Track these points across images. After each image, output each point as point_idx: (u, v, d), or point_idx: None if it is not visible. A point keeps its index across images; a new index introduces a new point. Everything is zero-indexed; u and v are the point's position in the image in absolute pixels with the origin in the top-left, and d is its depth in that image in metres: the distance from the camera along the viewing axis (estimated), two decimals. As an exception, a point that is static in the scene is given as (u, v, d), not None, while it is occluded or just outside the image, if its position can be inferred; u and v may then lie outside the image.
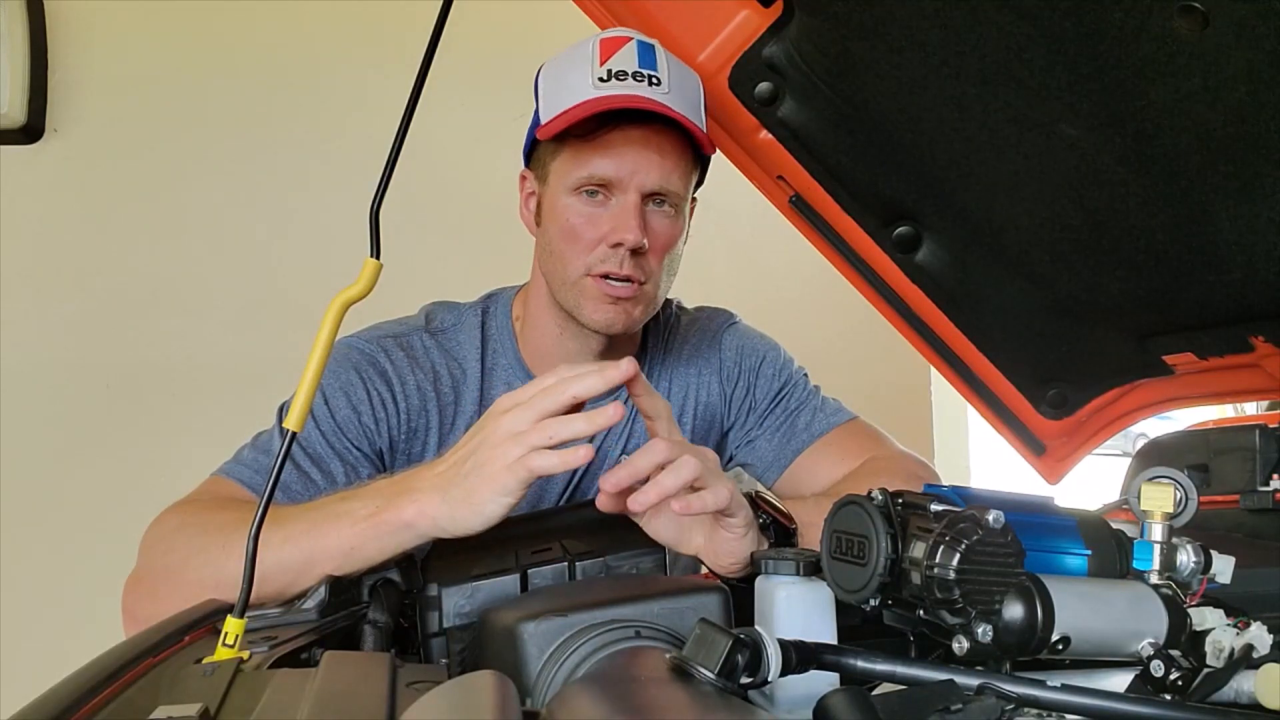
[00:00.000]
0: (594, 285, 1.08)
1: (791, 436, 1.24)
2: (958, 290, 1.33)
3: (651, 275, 1.10)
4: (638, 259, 1.07)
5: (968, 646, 0.58)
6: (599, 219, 1.07)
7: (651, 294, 1.11)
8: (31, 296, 2.03)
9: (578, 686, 0.59)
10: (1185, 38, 0.80)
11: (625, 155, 1.05)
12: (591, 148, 1.06)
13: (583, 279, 1.08)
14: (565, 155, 1.08)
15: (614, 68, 1.05)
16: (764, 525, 0.89)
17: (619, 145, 1.05)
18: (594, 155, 1.06)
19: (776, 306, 1.88)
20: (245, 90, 2.20)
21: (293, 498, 0.99)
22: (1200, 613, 0.64)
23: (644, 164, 1.06)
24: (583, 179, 1.07)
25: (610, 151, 1.05)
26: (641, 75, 1.05)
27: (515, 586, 0.81)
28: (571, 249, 1.08)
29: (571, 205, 1.08)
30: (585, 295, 1.09)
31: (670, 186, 1.08)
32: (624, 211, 1.06)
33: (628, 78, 1.04)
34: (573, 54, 1.08)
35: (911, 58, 1.03)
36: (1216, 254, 1.03)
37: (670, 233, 1.10)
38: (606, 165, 1.06)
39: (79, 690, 0.52)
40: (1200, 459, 1.22)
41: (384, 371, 1.09)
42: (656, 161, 1.06)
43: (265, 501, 0.70)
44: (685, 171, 1.10)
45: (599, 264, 1.07)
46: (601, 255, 1.07)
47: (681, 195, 1.10)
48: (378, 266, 0.75)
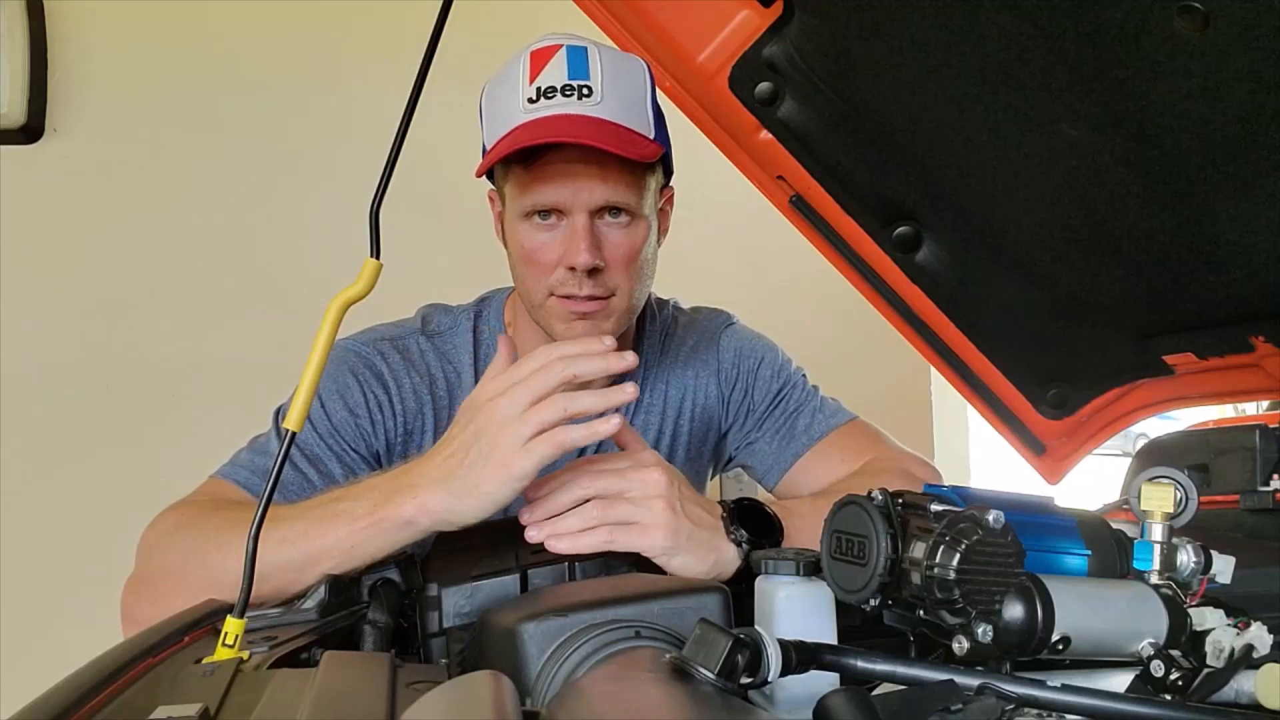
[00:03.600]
0: (559, 305, 1.07)
1: (791, 439, 1.24)
2: (958, 290, 1.33)
3: (617, 288, 1.07)
4: (597, 277, 1.05)
5: (968, 646, 0.58)
6: (552, 244, 1.05)
7: (622, 305, 1.09)
8: (31, 296, 2.03)
9: (578, 686, 0.59)
10: (1185, 38, 0.80)
11: (564, 180, 1.02)
12: (531, 175, 1.03)
13: (547, 300, 1.07)
14: (511, 182, 1.06)
15: (543, 84, 1.01)
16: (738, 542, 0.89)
17: (556, 170, 1.02)
18: (534, 183, 1.03)
19: (776, 307, 1.88)
20: (245, 90, 2.20)
21: (290, 499, 0.99)
22: (1200, 613, 0.64)
23: (585, 185, 1.02)
24: (528, 207, 1.05)
25: (549, 177, 1.02)
26: (571, 89, 1.01)
27: (515, 586, 0.81)
28: (530, 273, 1.07)
29: (524, 230, 1.06)
30: (552, 316, 1.08)
31: (618, 199, 1.04)
32: (573, 235, 1.03)
33: (556, 94, 1.01)
34: (506, 72, 1.05)
35: (911, 58, 1.03)
36: (1217, 254, 1.03)
37: (628, 243, 1.07)
38: (547, 193, 1.03)
39: (79, 690, 0.51)
40: (1200, 459, 1.21)
41: (380, 374, 1.09)
42: (598, 177, 1.02)
43: (265, 501, 0.70)
44: (633, 180, 1.06)
45: (559, 286, 1.06)
46: (560, 278, 1.05)
47: (634, 203, 1.06)
48: (377, 266, 0.75)
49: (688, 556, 0.86)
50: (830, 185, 1.27)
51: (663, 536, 0.84)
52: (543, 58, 1.03)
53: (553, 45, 1.04)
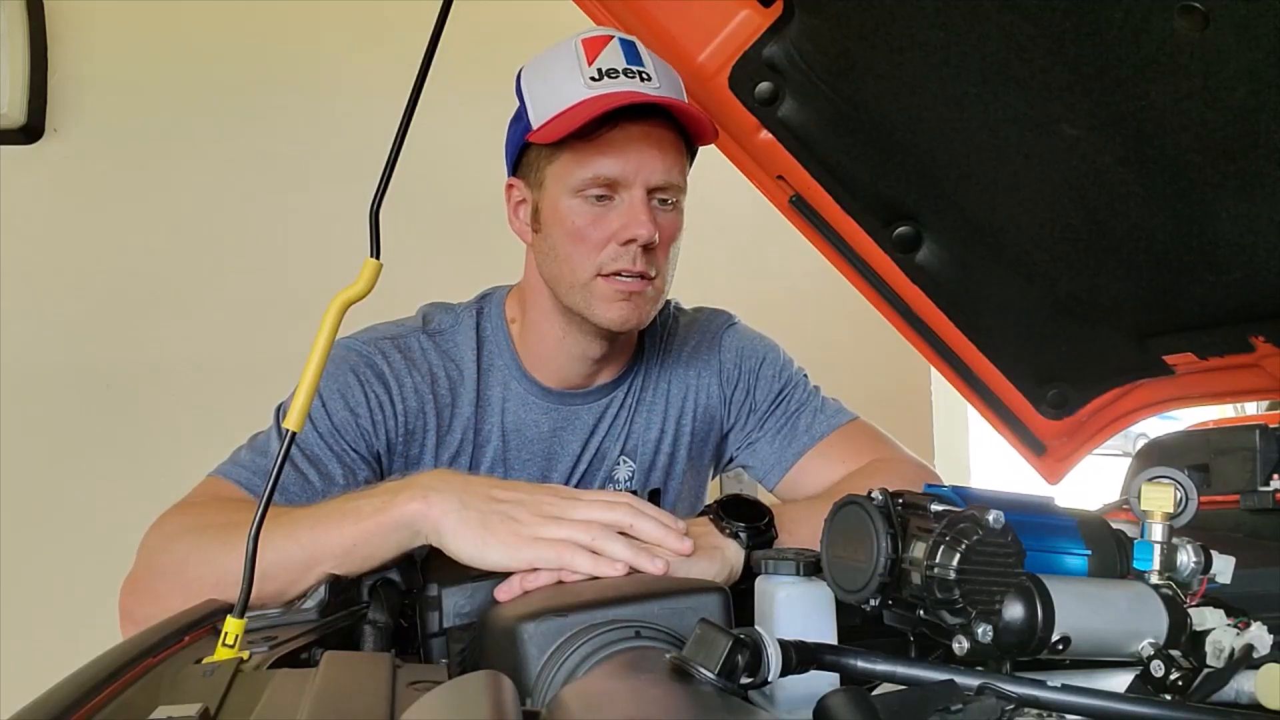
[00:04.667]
0: (605, 285, 1.08)
1: (792, 439, 1.24)
2: (958, 290, 1.33)
3: (660, 270, 1.10)
4: (649, 254, 1.08)
5: (968, 646, 0.58)
6: (605, 218, 1.07)
7: (660, 289, 1.12)
8: (31, 296, 2.03)
9: (578, 687, 0.59)
10: (1185, 38, 0.80)
11: (629, 153, 1.05)
12: (594, 148, 1.05)
13: (593, 280, 1.08)
14: (565, 158, 1.08)
15: (603, 66, 1.05)
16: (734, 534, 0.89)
17: (621, 143, 1.05)
18: (597, 155, 1.05)
19: (776, 307, 1.88)
20: (245, 90, 2.20)
21: (290, 499, 0.99)
22: (1200, 613, 0.64)
23: (648, 160, 1.06)
24: (587, 180, 1.06)
25: (613, 150, 1.05)
26: (632, 72, 1.05)
27: (515, 587, 0.81)
28: (579, 250, 1.08)
29: (575, 207, 1.08)
30: (595, 296, 1.09)
31: (672, 180, 1.08)
32: (633, 208, 1.06)
33: (619, 75, 1.04)
34: (556, 56, 1.08)
35: (911, 58, 1.03)
36: (1217, 254, 1.03)
37: (674, 226, 1.11)
38: (611, 165, 1.05)
39: (79, 690, 0.51)
40: (1200, 459, 1.21)
41: (381, 374, 1.09)
42: (659, 157, 1.06)
43: (265, 501, 0.70)
44: (683, 165, 1.11)
45: (610, 263, 1.07)
46: (612, 254, 1.07)
47: (682, 189, 1.11)
48: (377, 266, 0.75)
49: (703, 564, 0.85)
50: (830, 185, 1.27)
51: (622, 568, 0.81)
52: (598, 44, 1.07)
53: (604, 35, 1.08)
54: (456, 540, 0.80)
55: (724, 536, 0.89)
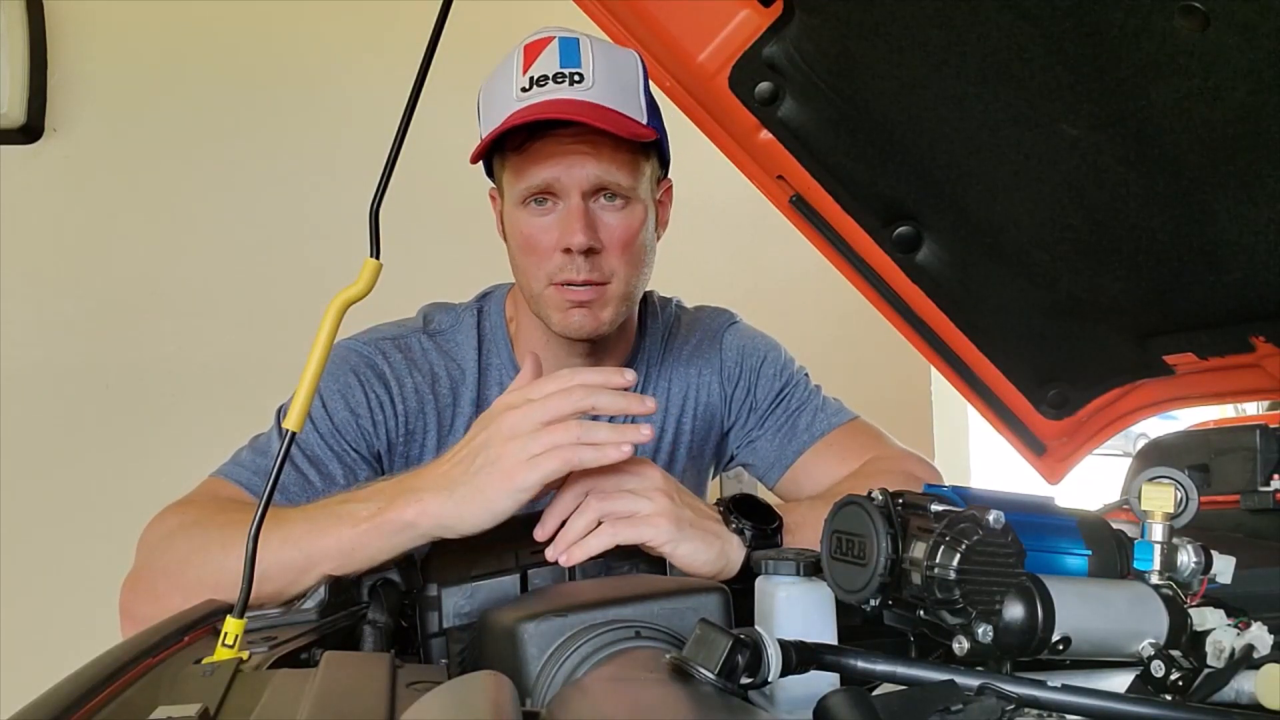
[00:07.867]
0: (556, 294, 1.08)
1: (792, 437, 1.24)
2: (958, 290, 1.33)
3: (615, 273, 1.08)
4: (594, 260, 1.06)
5: (968, 647, 0.58)
6: (548, 228, 1.07)
7: (620, 291, 1.10)
8: (31, 296, 2.03)
9: (578, 687, 0.59)
10: (1185, 38, 0.80)
11: (557, 160, 1.04)
12: (526, 159, 1.05)
13: (546, 289, 1.08)
14: (507, 170, 1.09)
15: (535, 74, 1.04)
16: (739, 530, 0.89)
17: (550, 151, 1.04)
18: (529, 166, 1.05)
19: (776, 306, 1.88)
20: (245, 90, 2.20)
21: (290, 499, 0.99)
22: (1201, 613, 0.64)
23: (576, 163, 1.04)
24: (523, 190, 1.06)
25: (542, 159, 1.04)
26: (563, 75, 1.03)
27: (515, 586, 0.81)
28: (530, 261, 1.09)
29: (522, 218, 1.08)
30: (549, 305, 1.09)
31: (610, 179, 1.05)
32: (567, 215, 1.05)
33: (548, 82, 1.03)
34: (501, 67, 1.08)
35: (911, 58, 1.03)
36: (1217, 254, 1.03)
37: (624, 225, 1.08)
38: (540, 172, 1.05)
39: (78, 690, 0.51)
40: (1201, 459, 1.21)
41: (382, 374, 1.09)
42: (590, 158, 1.04)
43: (265, 501, 0.70)
44: (627, 161, 1.07)
45: (558, 272, 1.07)
46: (559, 263, 1.06)
47: (628, 185, 1.07)
48: (377, 266, 0.75)
49: (694, 544, 0.85)
50: (830, 185, 1.27)
51: (666, 524, 0.83)
52: (535, 49, 1.06)
53: (545, 37, 1.06)
54: (464, 522, 0.80)
55: (728, 529, 0.89)
